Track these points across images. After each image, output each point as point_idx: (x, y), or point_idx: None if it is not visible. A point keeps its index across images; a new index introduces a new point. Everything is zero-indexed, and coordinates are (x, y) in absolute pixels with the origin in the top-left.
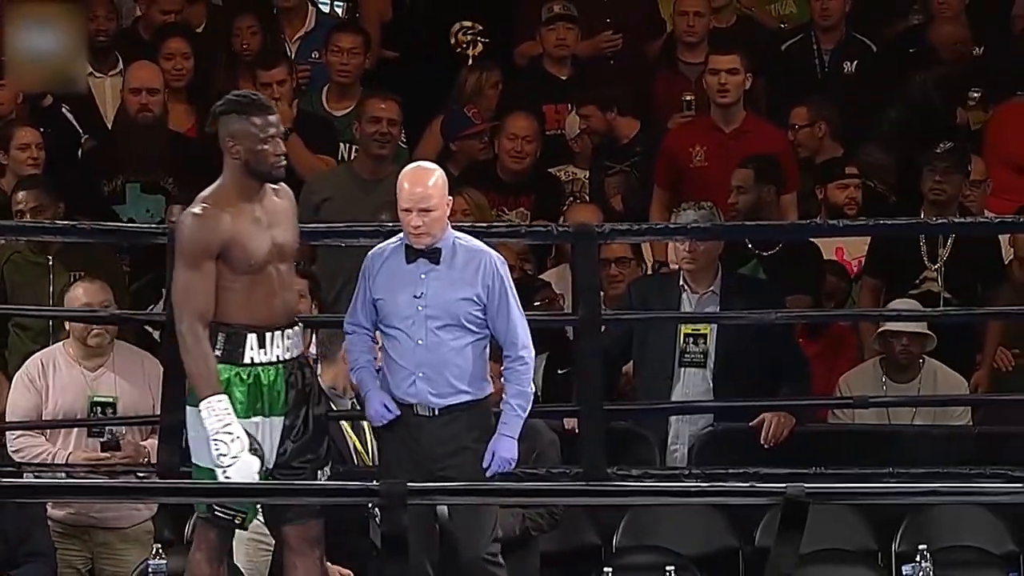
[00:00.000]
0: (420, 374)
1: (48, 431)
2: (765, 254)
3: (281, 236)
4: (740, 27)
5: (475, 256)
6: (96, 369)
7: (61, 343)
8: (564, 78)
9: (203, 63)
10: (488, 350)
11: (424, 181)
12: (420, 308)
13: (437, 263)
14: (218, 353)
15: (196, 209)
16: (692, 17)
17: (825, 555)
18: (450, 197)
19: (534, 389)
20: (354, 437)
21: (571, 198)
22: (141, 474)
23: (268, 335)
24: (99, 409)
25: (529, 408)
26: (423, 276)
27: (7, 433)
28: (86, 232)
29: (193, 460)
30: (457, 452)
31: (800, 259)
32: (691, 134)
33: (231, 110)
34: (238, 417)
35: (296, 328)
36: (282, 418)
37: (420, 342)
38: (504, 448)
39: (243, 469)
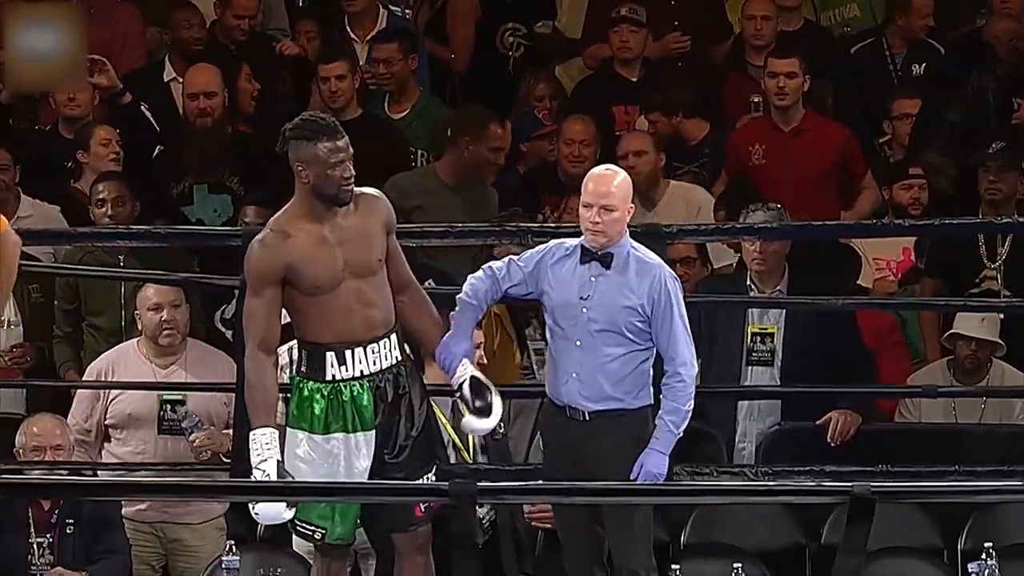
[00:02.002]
0: (574, 375)
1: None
2: None
3: (354, 254)
4: (807, 30)
5: (647, 268)
6: (168, 367)
7: (134, 340)
8: (633, 80)
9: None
10: (650, 363)
11: (610, 181)
12: (584, 310)
13: (608, 268)
14: (302, 370)
15: (260, 235)
16: (760, 21)
17: (891, 552)
18: (631, 205)
19: (691, 407)
20: (453, 433)
21: None
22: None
23: (348, 352)
24: (169, 408)
25: (684, 426)
26: (592, 279)
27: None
28: (161, 236)
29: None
30: (605, 458)
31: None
32: (752, 133)
33: (300, 136)
34: (316, 433)
35: (385, 340)
36: (372, 432)
37: (578, 343)
38: (653, 463)
39: (267, 508)
